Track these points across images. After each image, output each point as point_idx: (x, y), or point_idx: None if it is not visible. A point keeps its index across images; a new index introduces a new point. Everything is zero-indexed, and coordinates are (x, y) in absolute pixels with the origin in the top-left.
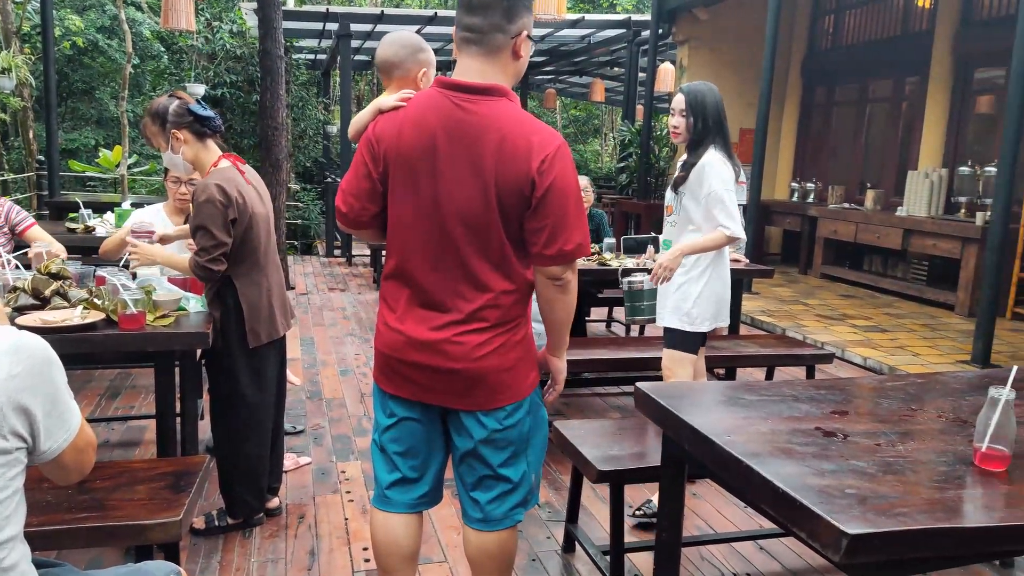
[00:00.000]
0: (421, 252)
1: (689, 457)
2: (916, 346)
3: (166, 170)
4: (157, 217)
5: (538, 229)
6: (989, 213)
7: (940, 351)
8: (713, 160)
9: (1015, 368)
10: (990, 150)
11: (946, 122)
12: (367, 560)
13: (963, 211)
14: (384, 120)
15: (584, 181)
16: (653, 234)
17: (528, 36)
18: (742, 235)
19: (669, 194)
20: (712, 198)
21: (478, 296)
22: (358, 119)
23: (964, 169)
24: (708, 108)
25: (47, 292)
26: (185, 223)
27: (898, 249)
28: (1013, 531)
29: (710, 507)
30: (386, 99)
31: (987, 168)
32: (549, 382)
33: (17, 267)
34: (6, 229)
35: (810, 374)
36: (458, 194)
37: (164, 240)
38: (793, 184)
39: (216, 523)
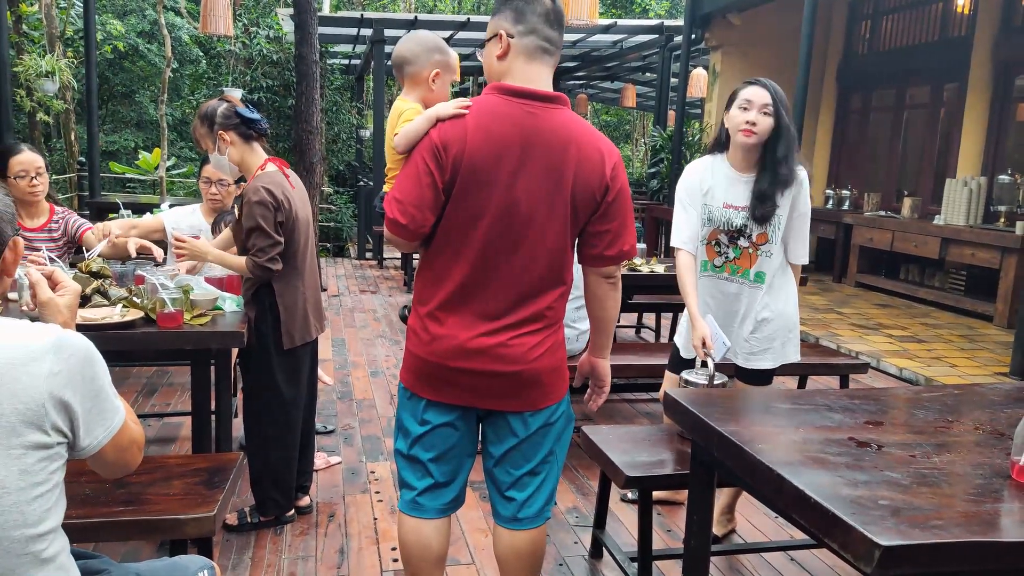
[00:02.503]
0: (480, 258)
1: (719, 465)
2: (953, 357)
3: (199, 171)
4: (193, 216)
5: (603, 232)
6: None
7: (978, 362)
8: (805, 177)
9: None
10: None
11: (985, 129)
12: (395, 560)
13: (1002, 220)
14: (448, 127)
15: None
16: None
17: None
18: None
19: (751, 223)
20: (804, 219)
21: (536, 299)
22: (412, 129)
23: (1003, 177)
24: (787, 112)
25: (88, 290)
26: (216, 222)
27: (935, 258)
28: None
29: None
30: (444, 107)
31: None
32: (590, 389)
33: (61, 268)
34: (60, 243)
35: (844, 384)
36: (532, 200)
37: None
38: (828, 191)
39: (248, 520)
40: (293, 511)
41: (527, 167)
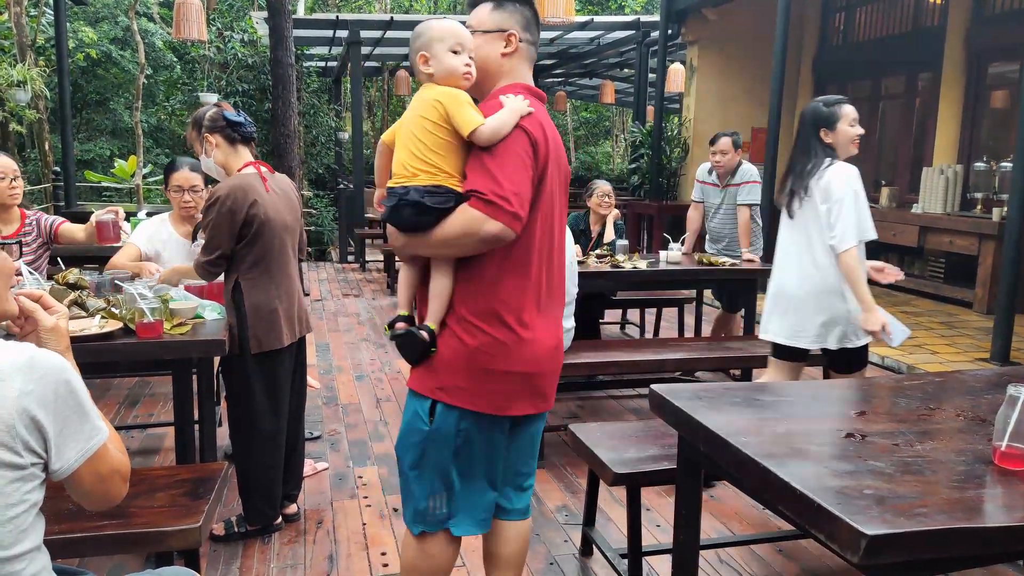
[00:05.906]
0: (543, 255)
1: (705, 459)
2: (934, 344)
3: (166, 180)
4: (163, 227)
5: None
6: (1006, 209)
7: (959, 349)
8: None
9: None
10: (1005, 145)
11: (960, 118)
12: (385, 565)
13: (979, 207)
14: (532, 122)
15: (608, 186)
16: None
17: None
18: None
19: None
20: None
21: (562, 294)
22: (503, 123)
23: (979, 165)
24: None
25: (65, 302)
26: (196, 232)
27: (914, 246)
28: None
29: (728, 509)
30: (522, 103)
31: (1003, 163)
32: None
33: (38, 280)
34: (34, 245)
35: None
36: (558, 193)
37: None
38: None
39: (235, 529)
40: (280, 519)
41: (557, 165)
